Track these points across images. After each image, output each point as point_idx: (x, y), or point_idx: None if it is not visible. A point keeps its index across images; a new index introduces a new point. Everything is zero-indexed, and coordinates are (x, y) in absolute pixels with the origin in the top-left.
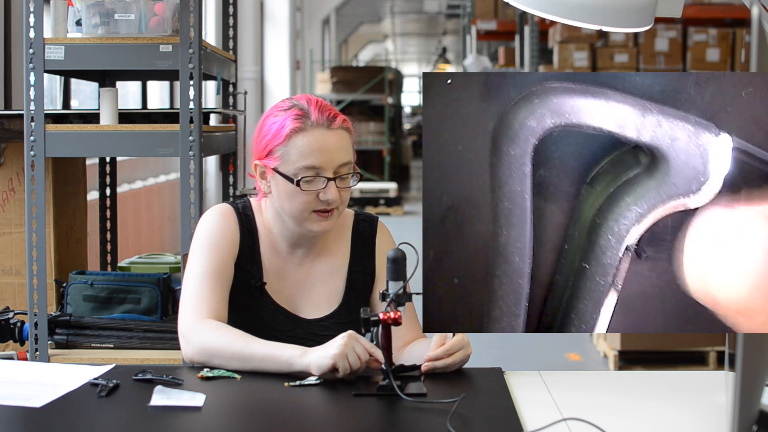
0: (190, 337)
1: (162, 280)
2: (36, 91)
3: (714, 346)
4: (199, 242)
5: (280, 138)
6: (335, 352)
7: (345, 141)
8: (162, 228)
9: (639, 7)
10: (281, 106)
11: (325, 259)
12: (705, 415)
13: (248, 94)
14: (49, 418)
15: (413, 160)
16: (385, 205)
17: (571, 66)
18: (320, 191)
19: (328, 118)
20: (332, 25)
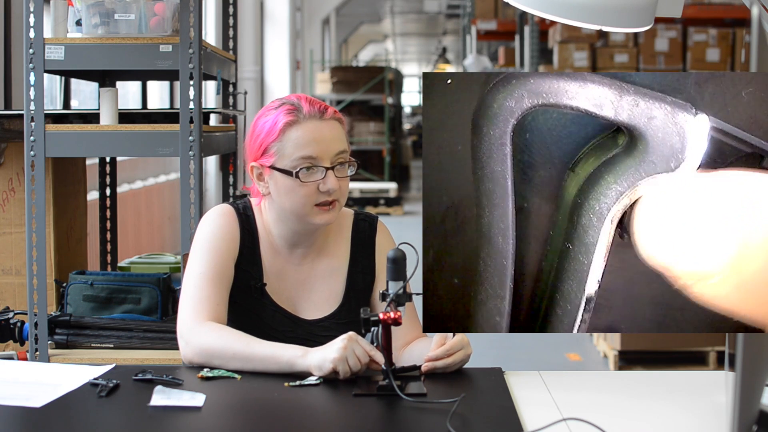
0: (189, 338)
1: (162, 280)
2: (36, 91)
3: (714, 346)
4: (199, 243)
5: (274, 134)
6: (335, 356)
7: (338, 131)
8: (162, 228)
9: (639, 7)
10: (271, 106)
11: (325, 259)
12: (705, 415)
13: (248, 94)
14: (49, 418)
15: (413, 160)
16: (385, 205)
17: (571, 66)
18: (320, 182)
19: (319, 109)
20: (332, 25)
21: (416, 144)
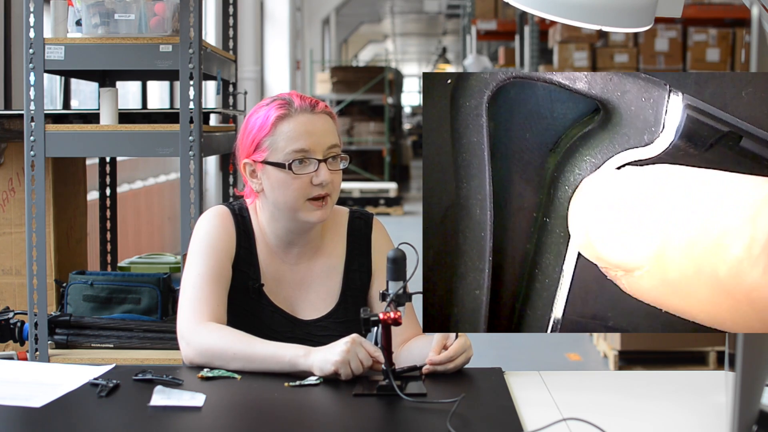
0: (190, 339)
1: (162, 280)
2: (36, 91)
3: (714, 346)
4: (196, 245)
5: (266, 129)
6: (337, 359)
7: (330, 124)
8: (162, 228)
9: (639, 7)
10: (262, 103)
11: (321, 258)
12: (705, 415)
13: (248, 94)
14: (49, 418)
15: (413, 160)
16: (385, 205)
17: (571, 66)
18: (312, 175)
19: (310, 104)
20: (332, 25)
21: (416, 144)
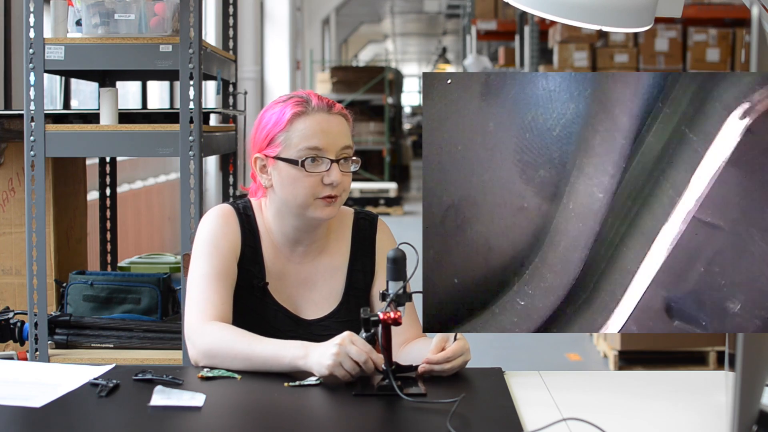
0: (195, 339)
1: (162, 280)
2: (36, 91)
3: (714, 346)
4: (200, 244)
5: (281, 124)
6: (329, 363)
7: (345, 126)
8: (162, 228)
9: (639, 7)
10: (278, 99)
11: (325, 257)
12: (705, 415)
13: (248, 94)
14: (49, 418)
15: (413, 160)
16: (385, 205)
17: (571, 66)
18: (324, 174)
19: (327, 104)
20: (332, 25)
21: (416, 144)
